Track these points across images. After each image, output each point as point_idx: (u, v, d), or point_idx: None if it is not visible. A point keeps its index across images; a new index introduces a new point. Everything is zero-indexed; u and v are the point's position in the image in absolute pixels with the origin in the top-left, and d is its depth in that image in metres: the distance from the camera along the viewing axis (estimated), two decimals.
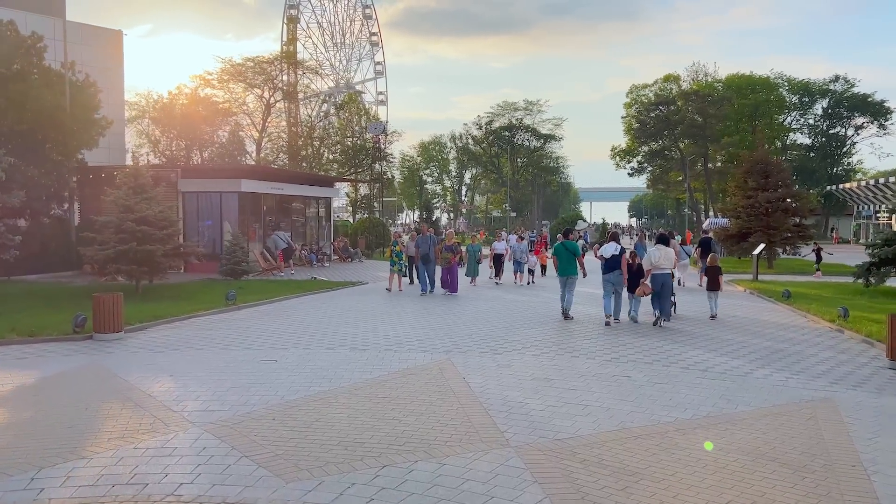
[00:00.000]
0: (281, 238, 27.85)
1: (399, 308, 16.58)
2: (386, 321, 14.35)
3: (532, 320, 14.66)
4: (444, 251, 19.88)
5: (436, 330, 13.19)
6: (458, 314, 15.56)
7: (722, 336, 12.85)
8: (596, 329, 13.58)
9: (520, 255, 23.45)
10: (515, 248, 23.58)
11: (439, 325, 13.76)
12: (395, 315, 15.35)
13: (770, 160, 34.01)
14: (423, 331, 13.10)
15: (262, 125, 54.13)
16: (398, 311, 16.15)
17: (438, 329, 13.30)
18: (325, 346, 11.49)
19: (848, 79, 71.60)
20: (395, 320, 14.52)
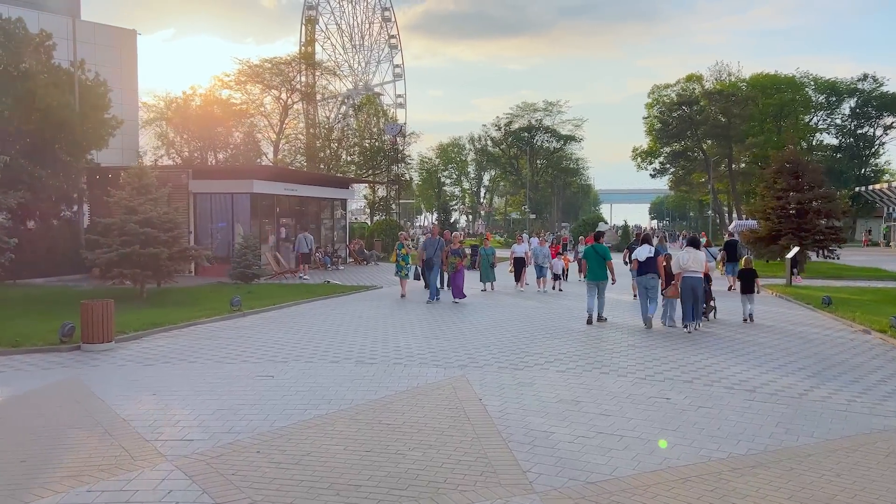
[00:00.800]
0: (306, 240, 27.42)
1: (413, 316, 15.51)
2: (398, 330, 13.28)
3: (555, 330, 13.52)
4: (450, 255, 18.21)
5: (451, 341, 12.11)
6: (476, 323, 14.46)
7: (763, 347, 11.62)
8: (625, 339, 12.42)
9: (542, 258, 21.47)
10: (537, 252, 21.65)
11: (455, 336, 12.68)
12: (407, 323, 14.28)
13: (801, 160, 32.52)
14: (436, 342, 12.03)
15: (280, 127, 53.47)
16: (411, 318, 15.08)
17: (454, 340, 12.21)
18: (329, 359, 10.45)
19: (877, 77, 69.46)
20: (407, 329, 13.45)
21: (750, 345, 11.98)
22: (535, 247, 22.52)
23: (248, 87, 51.01)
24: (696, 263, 13.24)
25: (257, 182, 25.54)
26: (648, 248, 13.91)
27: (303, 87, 55.91)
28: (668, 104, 69.25)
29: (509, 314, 15.78)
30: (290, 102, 54.24)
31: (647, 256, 13.72)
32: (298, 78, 54.79)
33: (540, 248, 21.86)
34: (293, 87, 53.65)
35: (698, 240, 14.54)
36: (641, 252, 13.86)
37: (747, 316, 14.65)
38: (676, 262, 13.52)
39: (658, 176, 74.59)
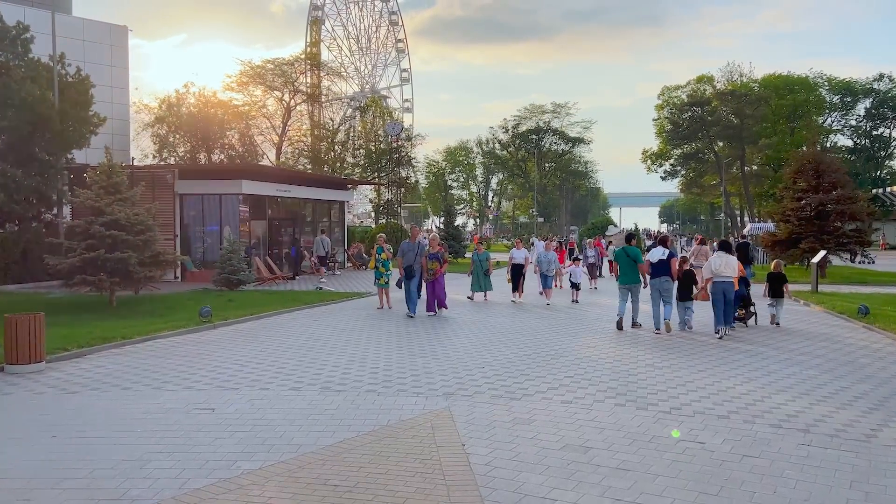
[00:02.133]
0: (323, 243, 27.01)
1: (400, 330, 13.72)
2: (380, 347, 11.51)
3: (561, 348, 11.71)
4: (428, 261, 15.64)
5: (438, 361, 10.32)
6: (469, 339, 12.66)
7: (803, 366, 9.76)
8: (642, 357, 10.59)
9: (546, 266, 18.55)
10: (542, 258, 18.79)
11: (444, 354, 10.89)
12: (393, 339, 12.50)
13: (822, 158, 30.53)
14: (422, 361, 10.24)
15: (283, 128, 51.91)
16: (398, 333, 13.29)
17: (442, 359, 10.43)
18: (290, 385, 8.68)
19: (893, 77, 67.19)
20: (391, 346, 11.68)
21: (788, 363, 10.12)
22: (539, 252, 19.62)
23: (249, 88, 49.61)
24: (728, 268, 12.68)
25: (247, 182, 23.87)
26: (662, 250, 13.36)
27: (307, 88, 54.41)
28: (678, 105, 67.27)
29: (508, 329, 13.96)
30: (294, 104, 52.78)
31: (659, 258, 13.18)
32: (301, 79, 53.35)
33: (545, 253, 19.06)
34: (296, 89, 52.15)
35: (730, 244, 13.94)
36: (655, 254, 13.34)
37: (776, 321, 14.23)
38: (708, 266, 12.98)
39: (668, 178, 72.59)
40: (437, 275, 15.54)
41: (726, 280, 12.63)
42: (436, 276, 15.51)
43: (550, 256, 18.94)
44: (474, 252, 19.52)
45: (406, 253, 15.80)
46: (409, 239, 16.32)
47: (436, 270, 15.56)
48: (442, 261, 15.75)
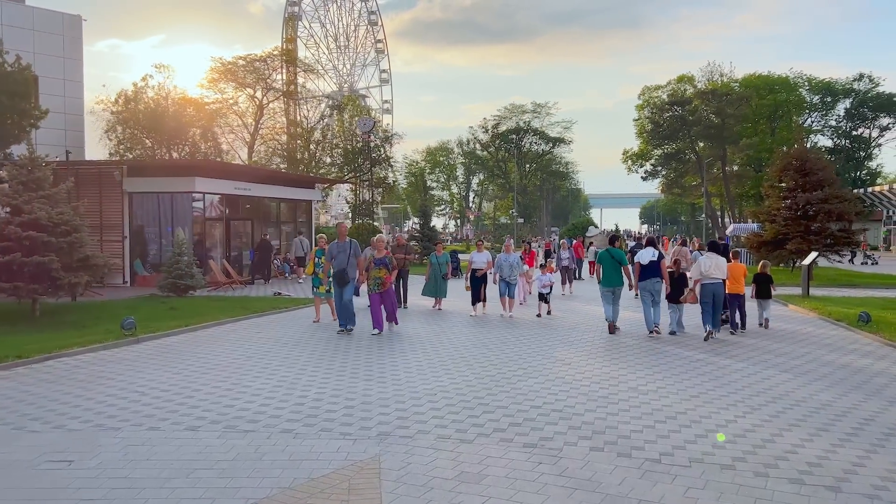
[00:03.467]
0: (301, 244, 25.85)
1: (349, 345, 11.97)
2: (320, 367, 9.77)
3: (529, 368, 10.05)
4: (373, 267, 12.79)
5: (384, 385, 8.61)
6: (426, 356, 10.97)
7: (811, 388, 8.18)
8: (625, 377, 8.95)
9: (508, 271, 15.54)
10: (502, 262, 15.69)
11: (393, 377, 9.18)
12: (339, 356, 10.77)
13: (809, 156, 29.20)
14: (364, 386, 8.53)
15: (255, 126, 49.93)
16: (346, 349, 11.57)
17: (389, 383, 8.72)
18: (187, 422, 6.92)
19: (873, 77, 66.48)
20: (333, 366, 9.95)
21: (794, 384, 8.51)
22: (499, 256, 16.09)
23: (220, 85, 47.62)
24: (717, 270, 12.43)
25: (200, 179, 21.99)
26: (652, 251, 12.95)
27: (282, 85, 52.46)
28: (659, 105, 66.00)
29: (471, 344, 12.26)
30: (266, 102, 50.82)
31: (650, 260, 12.78)
32: (274, 76, 51.43)
33: (506, 256, 15.86)
34: (269, 86, 50.21)
35: (720, 245, 13.28)
36: (644, 255, 12.88)
37: (764, 321, 13.86)
38: (697, 267, 12.65)
39: (649, 178, 71.33)
40: (386, 285, 12.88)
41: (716, 282, 12.36)
42: (384, 287, 12.82)
43: (513, 260, 15.82)
44: (433, 254, 17.43)
45: (336, 256, 12.84)
46: (338, 238, 13.19)
47: (384, 279, 12.81)
48: (391, 267, 13.02)
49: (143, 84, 33.48)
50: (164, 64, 33.57)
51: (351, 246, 12.91)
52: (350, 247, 12.90)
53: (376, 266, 12.83)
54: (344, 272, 12.72)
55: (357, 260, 12.95)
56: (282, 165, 49.36)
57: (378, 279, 12.82)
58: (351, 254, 12.86)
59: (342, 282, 12.73)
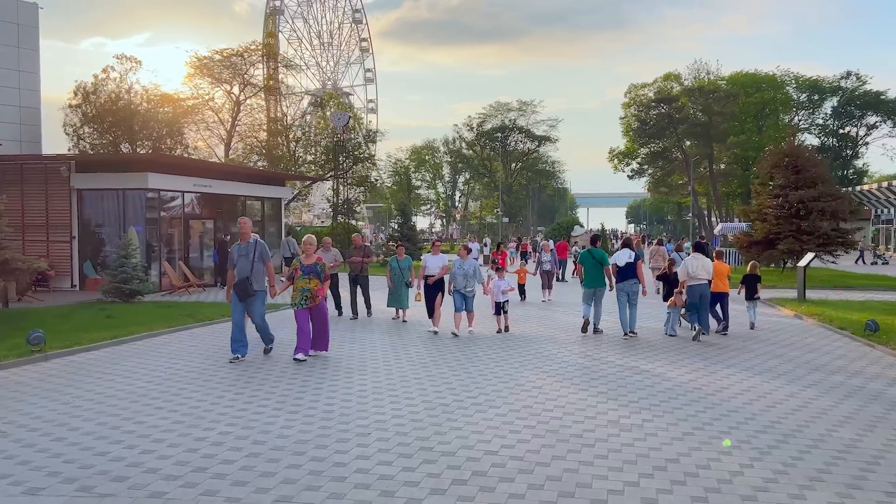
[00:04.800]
0: (289, 244, 24.75)
1: (287, 365, 10.35)
2: (241, 394, 8.15)
3: (492, 396, 8.48)
4: (301, 276, 10.12)
5: (310, 419, 7.00)
6: (368, 378, 9.39)
7: (821, 412, 6.66)
8: (603, 407, 7.39)
9: (463, 280, 12.66)
10: (456, 271, 12.81)
11: (322, 407, 7.59)
12: (271, 379, 9.16)
13: (801, 152, 27.83)
14: (285, 419, 6.92)
15: (232, 123, 48.08)
16: (281, 370, 9.95)
17: (314, 417, 7.12)
18: (31, 482, 5.27)
19: (860, 75, 65.44)
20: (260, 392, 8.34)
21: (805, 417, 6.99)
22: (453, 262, 13.19)
23: (195, 81, 45.76)
24: (704, 271, 12.30)
25: (154, 175, 20.27)
26: (629, 252, 12.76)
27: (263, 80, 50.61)
28: (645, 103, 64.67)
29: (426, 365, 10.70)
30: (244, 97, 48.98)
31: (626, 262, 12.61)
32: (252, 71, 49.57)
33: (461, 262, 12.87)
34: (246, 81, 48.37)
35: (705, 246, 13.45)
36: (621, 257, 12.69)
37: (753, 321, 13.79)
38: (684, 268, 12.44)
39: (636, 177, 70.02)
40: (317, 299, 10.20)
41: (702, 283, 12.19)
42: (315, 302, 10.18)
43: (468, 268, 12.76)
44: (394, 258, 14.60)
45: (237, 261, 10.02)
46: (241, 238, 10.22)
47: (314, 292, 10.13)
48: (324, 276, 10.34)
49: (103, 76, 31.63)
50: (126, 55, 31.65)
51: (256, 249, 10.08)
52: (255, 250, 10.06)
53: (303, 275, 10.13)
54: (247, 283, 9.92)
55: (265, 266, 10.20)
56: (260, 163, 47.62)
57: (305, 292, 10.10)
58: (256, 259, 10.02)
59: (244, 294, 9.92)
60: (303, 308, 10.12)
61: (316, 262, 10.29)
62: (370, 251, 15.26)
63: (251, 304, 10.06)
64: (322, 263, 10.37)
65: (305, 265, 10.23)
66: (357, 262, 14.84)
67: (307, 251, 10.40)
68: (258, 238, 10.28)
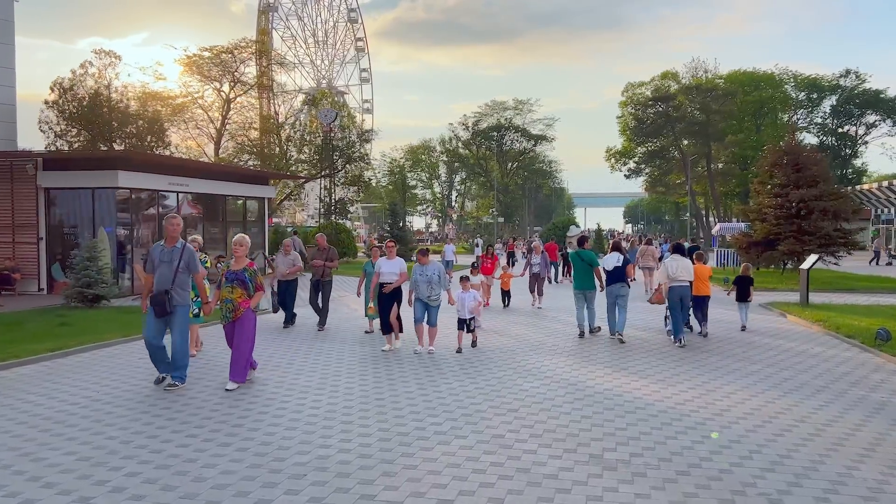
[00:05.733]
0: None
1: (213, 393, 9.29)
2: (172, 420, 7.11)
3: (436, 452, 7.44)
4: (225, 284, 8.38)
5: (235, 463, 5.95)
6: (292, 409, 8.33)
7: (836, 441, 5.64)
8: (580, 472, 6.36)
9: (425, 289, 10.70)
10: (417, 277, 10.79)
11: (256, 443, 6.54)
12: (188, 409, 8.12)
13: (802, 150, 26.81)
14: (215, 458, 5.87)
15: (221, 121, 47.01)
16: (202, 401, 8.90)
17: (239, 458, 6.07)
18: None
19: (859, 73, 64.40)
20: (194, 417, 7.30)
21: (817, 448, 5.97)
22: (414, 268, 11.01)
23: (184, 79, 44.70)
24: (684, 272, 12.09)
25: (124, 173, 19.20)
26: (617, 256, 12.50)
27: (254, 78, 49.51)
28: (642, 101, 63.61)
29: (396, 379, 9.65)
30: (234, 95, 47.90)
31: (614, 265, 12.41)
32: (243, 69, 48.47)
33: (421, 268, 10.79)
34: (236, 79, 47.29)
35: (684, 247, 13.40)
36: (609, 261, 12.47)
37: (744, 324, 13.76)
38: (664, 271, 12.26)
39: (632, 176, 68.93)
40: (239, 312, 8.35)
41: (683, 284, 12.03)
42: (236, 315, 8.37)
43: (431, 273, 10.71)
44: (367, 263, 12.63)
45: (158, 266, 8.27)
46: (166, 241, 8.46)
47: (237, 304, 8.34)
48: (255, 286, 8.44)
49: (81, 72, 30.53)
50: (105, 49, 30.56)
51: (183, 254, 8.34)
52: (181, 255, 8.32)
53: (228, 283, 8.39)
54: (166, 296, 8.10)
55: (195, 276, 8.63)
56: (251, 162, 46.59)
57: (228, 303, 8.35)
58: (181, 267, 8.28)
59: (163, 310, 8.10)
60: (228, 322, 8.48)
61: (245, 267, 8.48)
62: (335, 254, 13.63)
63: (172, 321, 8.27)
64: (252, 270, 8.52)
65: (230, 271, 8.46)
66: (319, 265, 13.40)
67: (237, 254, 8.61)
68: (186, 243, 8.62)
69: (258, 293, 8.54)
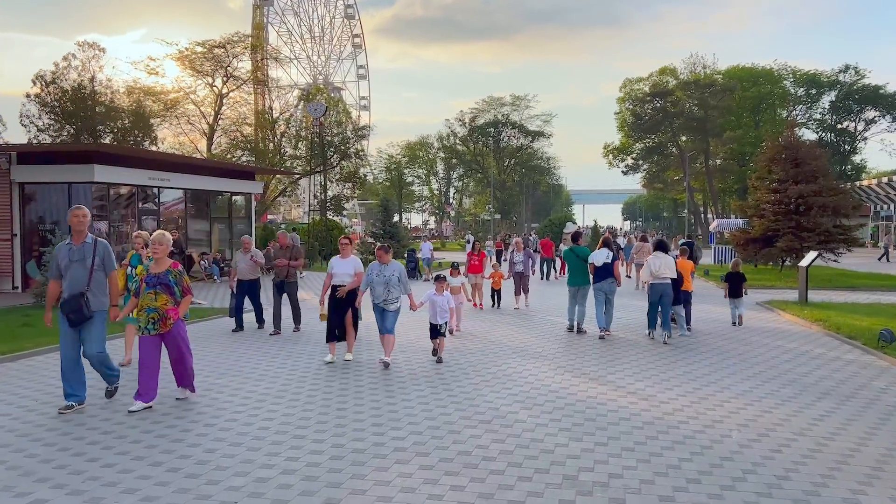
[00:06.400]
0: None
1: (166, 396, 8.59)
2: (92, 445, 6.44)
3: (415, 448, 6.76)
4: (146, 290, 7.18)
5: (160, 487, 5.28)
6: (268, 417, 7.66)
7: (838, 461, 4.97)
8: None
9: (382, 292, 9.25)
10: (373, 278, 9.29)
11: (191, 463, 5.86)
12: (147, 418, 7.44)
13: (801, 145, 26.13)
14: (130, 489, 5.20)
15: (214, 117, 46.31)
16: (169, 402, 8.22)
17: (165, 482, 5.39)
18: None
19: (858, 69, 63.64)
20: (122, 440, 6.62)
21: (819, 474, 5.30)
22: (370, 266, 9.44)
23: (176, 73, 44.14)
24: (666, 269, 11.93)
25: (101, 168, 18.53)
26: (607, 252, 12.28)
27: (247, 73, 48.81)
28: (640, 97, 62.86)
29: (364, 388, 8.98)
30: (227, 90, 47.18)
31: (603, 262, 12.19)
32: (236, 63, 47.73)
33: (378, 267, 9.27)
34: (229, 74, 46.56)
35: (667, 244, 12.93)
36: (598, 257, 12.27)
37: (737, 320, 13.58)
38: (647, 268, 12.08)
39: (630, 173, 68.25)
40: (168, 323, 7.16)
41: (665, 282, 11.85)
42: (165, 326, 7.18)
43: (388, 274, 9.15)
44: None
45: (67, 267, 7.06)
46: (73, 237, 7.19)
47: (163, 313, 7.14)
48: (182, 289, 7.27)
49: (64, 64, 29.79)
50: (88, 41, 29.82)
51: (96, 252, 7.10)
52: (94, 251, 7.10)
53: (149, 288, 7.14)
54: (80, 301, 6.92)
55: (108, 277, 7.20)
56: (244, 158, 45.92)
57: (151, 312, 7.13)
58: (94, 266, 7.08)
59: (80, 317, 6.93)
60: (150, 334, 7.16)
61: (168, 269, 7.21)
62: (299, 252, 12.51)
63: (86, 329, 7.04)
64: (177, 271, 7.26)
65: (152, 274, 7.21)
66: (283, 265, 12.27)
67: (156, 255, 7.27)
68: (97, 238, 7.32)
69: (186, 298, 7.35)
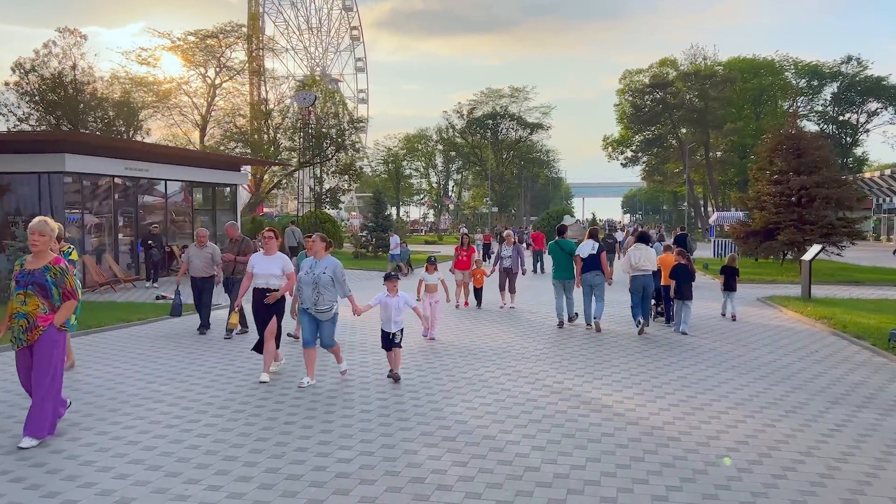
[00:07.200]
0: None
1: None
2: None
3: (358, 474, 5.89)
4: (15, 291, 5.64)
5: None
6: (203, 434, 6.80)
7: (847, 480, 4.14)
8: None
9: (310, 293, 7.68)
10: (303, 276, 7.75)
11: (90, 494, 5.00)
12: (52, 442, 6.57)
13: (805, 135, 25.18)
14: None
15: (207, 108, 45.39)
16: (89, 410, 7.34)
17: None
18: None
19: (861, 60, 62.54)
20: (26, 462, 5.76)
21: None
22: (303, 264, 7.95)
23: (169, 63, 43.27)
24: (647, 261, 11.92)
25: (72, 157, 17.62)
26: (592, 243, 12.05)
27: (239, 63, 47.84)
28: (640, 88, 61.81)
29: (320, 400, 8.13)
30: (220, 81, 46.25)
31: (589, 253, 12.01)
32: (229, 53, 46.77)
33: (314, 262, 7.81)
34: (222, 64, 45.62)
35: (649, 236, 13.51)
36: (584, 248, 12.07)
37: (729, 314, 13.31)
38: (627, 260, 12.20)
39: (630, 165, 67.27)
40: (36, 332, 5.62)
41: (646, 273, 11.85)
42: (31, 338, 5.62)
43: (319, 271, 7.68)
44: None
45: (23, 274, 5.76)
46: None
47: (32, 320, 5.61)
48: (63, 292, 5.70)
49: (45, 52, 28.85)
50: (69, 28, 28.88)
51: None
52: None
53: (19, 289, 5.64)
54: None
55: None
56: (238, 150, 45.04)
57: (20, 318, 5.63)
58: None
59: None
60: (22, 346, 5.67)
61: (47, 266, 5.68)
62: (249, 247, 10.94)
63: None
64: (59, 269, 5.70)
65: (25, 272, 5.69)
66: (229, 260, 11.05)
67: (34, 247, 5.71)
68: None
69: (68, 303, 5.73)
